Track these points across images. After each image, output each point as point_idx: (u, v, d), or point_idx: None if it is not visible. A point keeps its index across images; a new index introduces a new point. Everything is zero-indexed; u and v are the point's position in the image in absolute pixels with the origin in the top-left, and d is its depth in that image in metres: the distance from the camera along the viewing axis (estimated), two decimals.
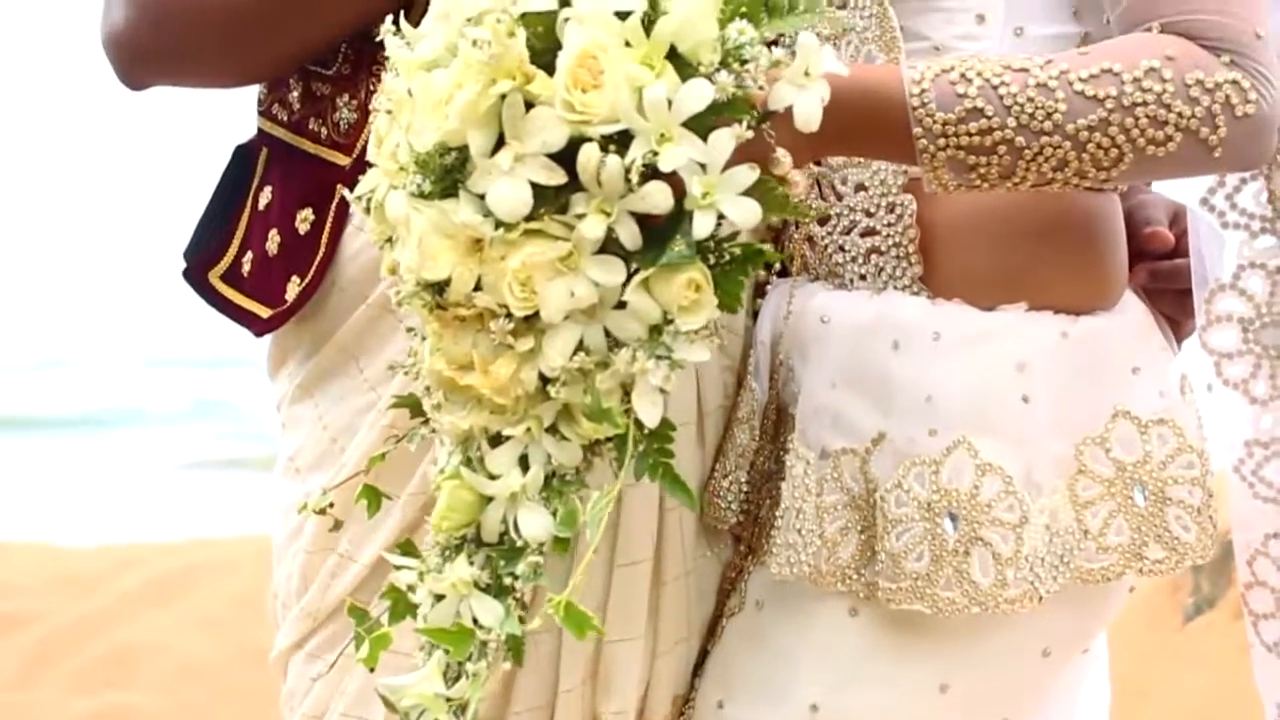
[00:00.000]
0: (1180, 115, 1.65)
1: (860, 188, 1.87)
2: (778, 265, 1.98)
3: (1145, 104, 1.65)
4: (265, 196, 2.09)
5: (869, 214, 1.86)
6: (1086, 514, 1.80)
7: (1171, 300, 1.97)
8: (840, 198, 1.89)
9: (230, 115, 2.20)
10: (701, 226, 1.46)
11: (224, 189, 2.14)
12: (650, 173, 1.46)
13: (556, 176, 1.47)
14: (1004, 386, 1.78)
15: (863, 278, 1.87)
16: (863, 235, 1.87)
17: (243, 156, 2.14)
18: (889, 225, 1.85)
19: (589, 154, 1.45)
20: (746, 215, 1.46)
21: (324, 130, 2.03)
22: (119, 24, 2.03)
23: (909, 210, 1.84)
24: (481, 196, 1.49)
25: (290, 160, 2.06)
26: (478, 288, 1.51)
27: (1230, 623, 5.39)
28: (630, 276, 1.48)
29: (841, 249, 1.89)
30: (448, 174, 1.51)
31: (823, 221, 1.91)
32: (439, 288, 1.53)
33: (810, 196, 1.91)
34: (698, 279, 1.48)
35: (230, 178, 2.14)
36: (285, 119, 2.08)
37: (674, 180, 1.46)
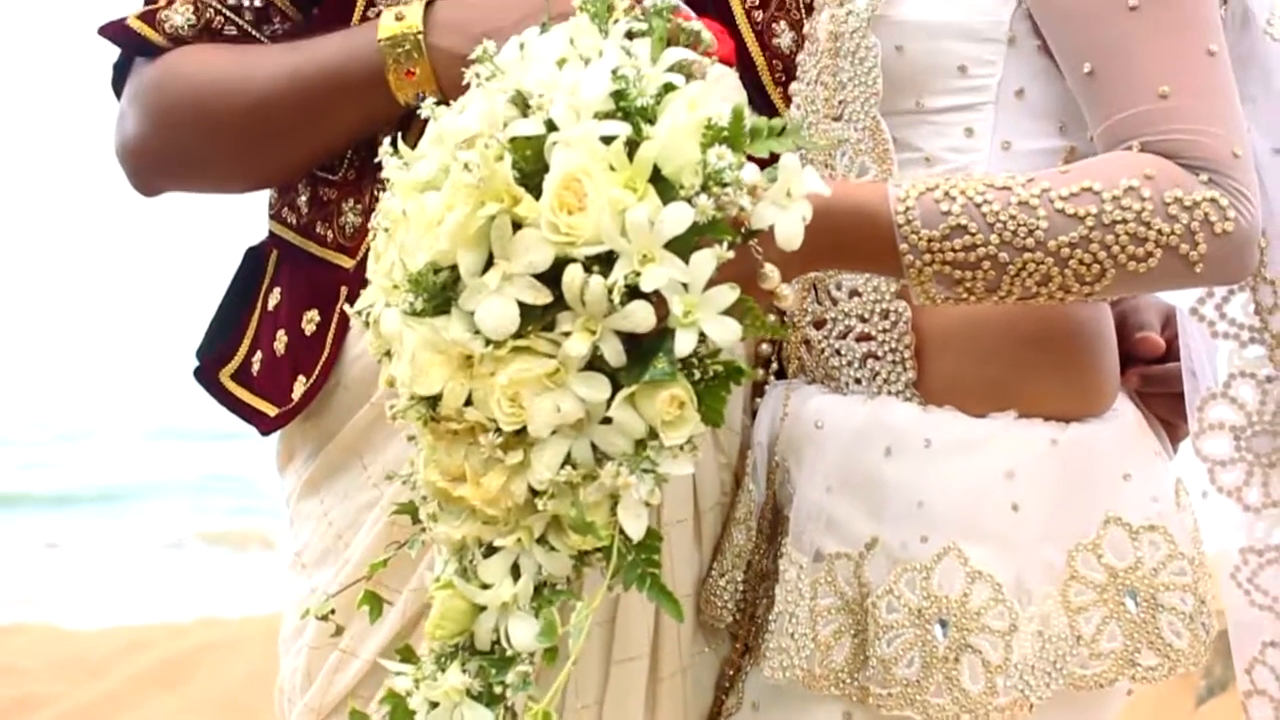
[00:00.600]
0: (1160, 232, 1.69)
1: (854, 293, 1.91)
2: (775, 365, 2.02)
3: (1125, 221, 1.68)
4: (274, 297, 2.14)
5: (863, 319, 1.90)
6: (1079, 620, 1.82)
7: (1165, 403, 1.99)
8: (835, 303, 1.92)
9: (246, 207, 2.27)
10: (683, 344, 1.50)
11: (235, 290, 2.20)
12: (633, 292, 1.50)
13: (543, 296, 1.51)
14: (994, 494, 1.81)
15: (858, 381, 1.91)
16: (858, 340, 1.91)
17: (254, 258, 2.20)
18: (884, 331, 1.88)
19: (573, 275, 1.50)
20: (727, 334, 1.50)
21: (330, 233, 2.09)
22: (132, 134, 2.10)
23: (904, 317, 1.87)
24: (471, 314, 1.53)
25: (298, 262, 2.12)
26: (469, 402, 1.55)
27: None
28: (615, 392, 1.52)
29: (838, 353, 1.93)
30: (440, 292, 1.55)
31: (819, 325, 1.94)
32: (432, 402, 1.57)
33: (805, 303, 1.94)
34: (681, 395, 1.52)
35: (241, 279, 2.20)
36: (294, 222, 2.13)
37: (657, 299, 1.50)
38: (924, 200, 1.69)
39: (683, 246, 1.51)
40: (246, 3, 2.08)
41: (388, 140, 1.66)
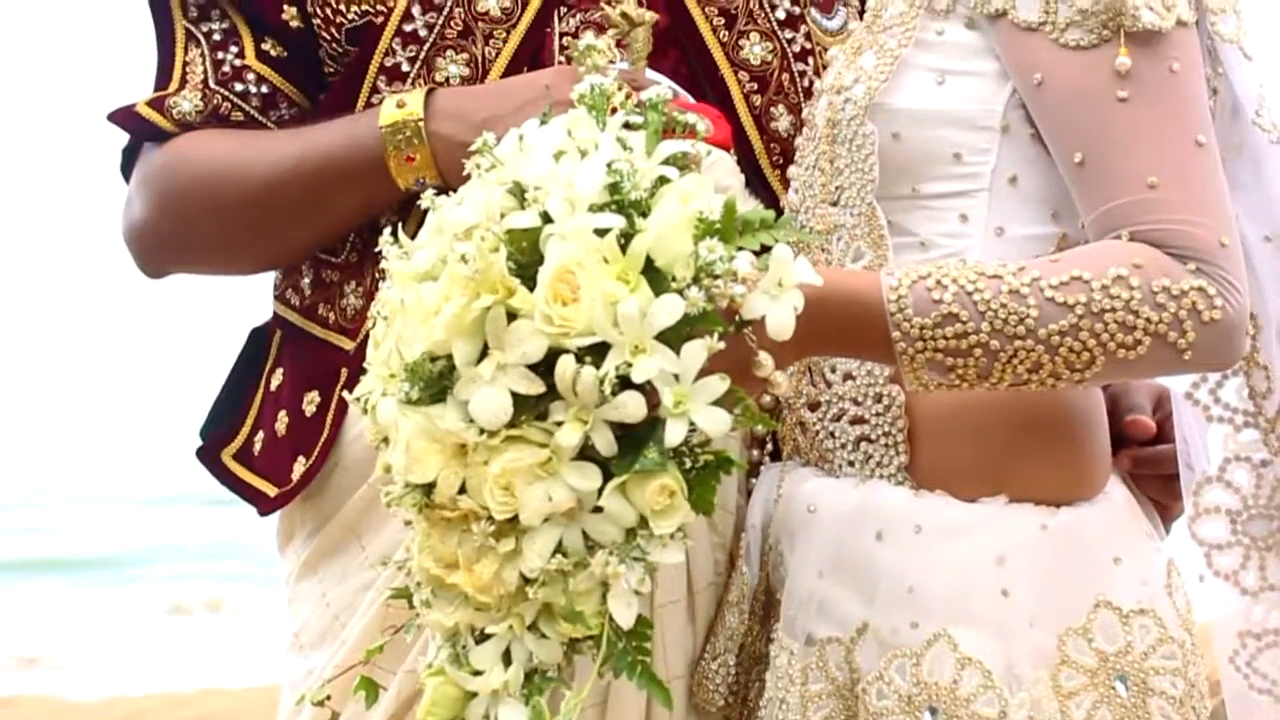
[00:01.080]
0: (1148, 321, 1.71)
1: (849, 377, 1.93)
2: (770, 446, 2.04)
3: (1114, 310, 1.71)
4: (277, 378, 2.17)
5: (857, 403, 1.92)
6: (1070, 705, 1.83)
7: (1157, 485, 2.01)
8: (830, 385, 1.94)
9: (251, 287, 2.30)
10: (674, 434, 1.52)
11: (239, 369, 2.23)
12: (625, 382, 1.52)
13: (536, 386, 1.53)
14: (984, 579, 1.83)
15: (851, 464, 1.92)
16: (852, 423, 1.92)
17: (258, 338, 2.23)
18: (877, 415, 1.90)
19: (565, 366, 1.52)
20: (717, 425, 1.52)
21: (332, 315, 2.11)
22: (139, 218, 2.13)
23: (897, 401, 1.89)
24: (466, 403, 1.55)
25: (301, 343, 2.15)
26: (462, 490, 1.57)
27: None
28: (606, 481, 1.54)
29: (831, 435, 1.94)
30: (436, 381, 1.57)
31: (814, 408, 1.96)
32: (426, 489, 1.59)
33: (800, 385, 1.96)
34: (671, 485, 1.54)
35: (245, 358, 2.23)
36: (297, 303, 2.16)
37: (648, 389, 1.53)
38: (916, 288, 1.72)
39: (674, 337, 1.54)
40: (253, 89, 2.12)
41: (388, 230, 1.69)
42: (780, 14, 2.17)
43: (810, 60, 2.16)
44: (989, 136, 1.87)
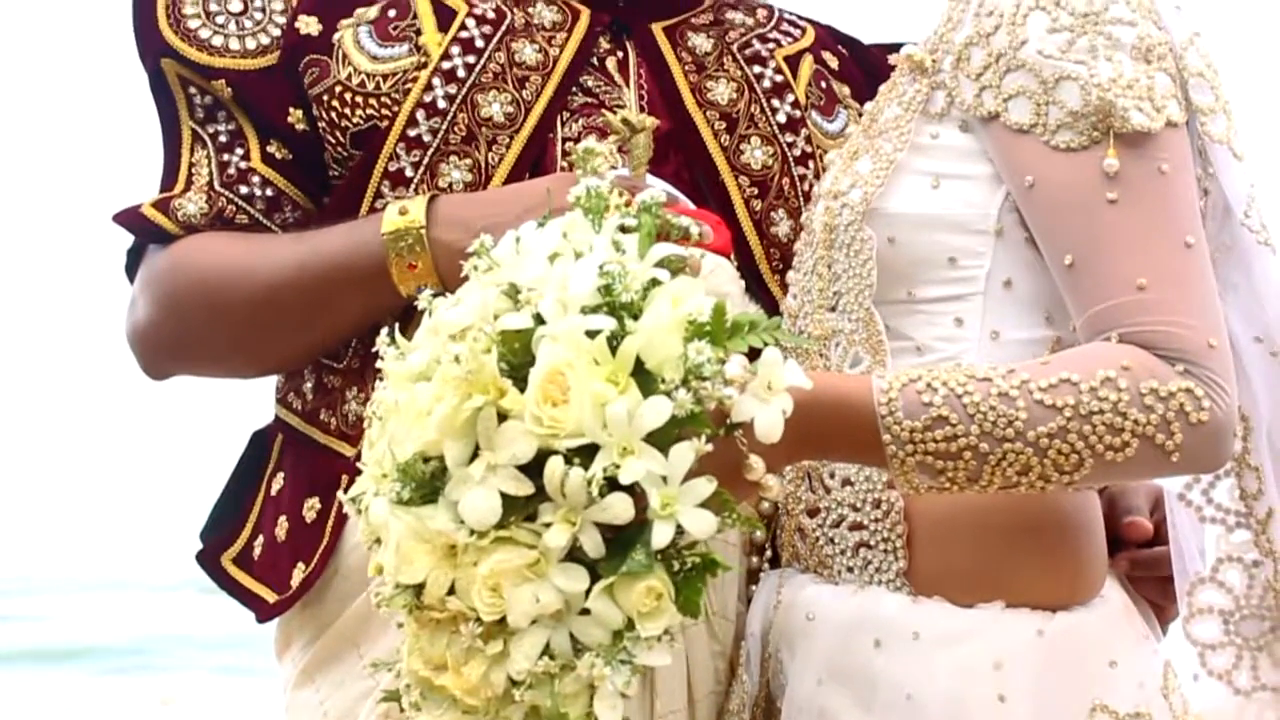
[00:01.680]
0: (1136, 423, 1.72)
1: (847, 483, 1.93)
2: (770, 552, 2.04)
3: (1102, 412, 1.72)
4: (278, 482, 2.18)
5: (856, 509, 1.92)
6: None
7: (1154, 586, 2.01)
8: (829, 491, 1.94)
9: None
10: (661, 537, 1.53)
11: (240, 473, 2.23)
12: (613, 484, 1.53)
13: (525, 487, 1.54)
14: (981, 685, 1.82)
15: (850, 570, 1.92)
16: (851, 529, 1.93)
17: (259, 442, 2.23)
18: (876, 521, 1.91)
19: (554, 467, 1.53)
20: (703, 527, 1.53)
21: (333, 421, 2.13)
22: (143, 319, 2.15)
23: (895, 507, 1.89)
24: (456, 504, 1.56)
25: (302, 448, 2.16)
26: (452, 591, 1.58)
27: None
28: (594, 582, 1.55)
29: (831, 541, 1.94)
30: (428, 481, 1.59)
31: (813, 513, 1.96)
32: (416, 590, 1.60)
33: (799, 491, 1.97)
34: (658, 587, 1.54)
35: (247, 461, 2.23)
36: (299, 407, 2.17)
37: (636, 490, 1.54)
38: (906, 392, 1.73)
39: (663, 439, 1.55)
40: (258, 192, 2.14)
41: (385, 331, 1.70)
42: (781, 117, 2.20)
43: (811, 164, 2.18)
44: (983, 240, 1.88)
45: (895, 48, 2.07)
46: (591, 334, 1.56)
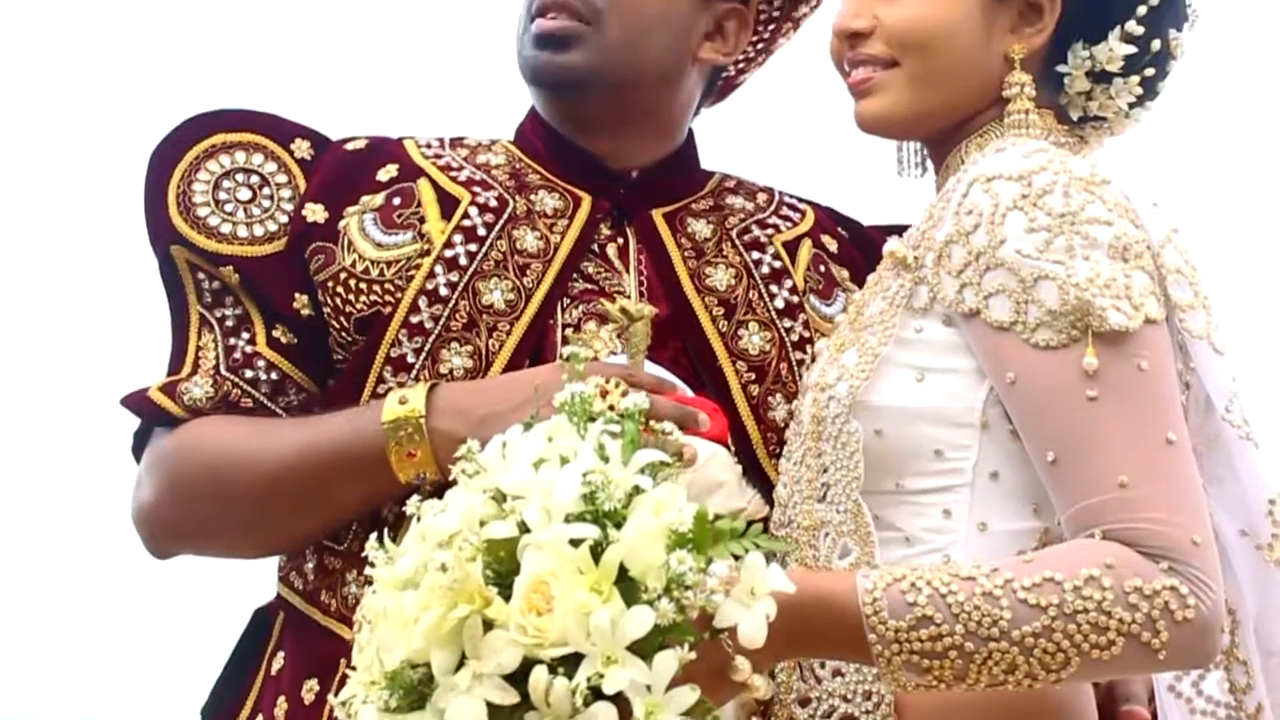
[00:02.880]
0: (1121, 621, 1.73)
1: (838, 673, 1.94)
2: None
3: (1086, 611, 1.73)
4: (278, 661, 2.20)
5: (846, 699, 1.93)
6: None
7: None
8: (820, 681, 1.96)
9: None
10: None
11: (241, 650, 2.26)
12: (597, 693, 1.55)
13: (510, 697, 1.56)
14: None
15: None
16: None
17: (260, 619, 2.26)
18: (867, 712, 1.92)
19: (538, 677, 1.55)
20: None
21: (333, 603, 2.15)
22: (147, 500, 2.18)
23: (885, 698, 1.90)
24: (443, 712, 1.58)
25: (302, 627, 2.18)
26: None
27: None
28: None
29: None
30: (415, 689, 1.61)
31: (804, 703, 1.97)
32: None
33: (791, 680, 1.98)
34: None
35: (248, 639, 2.26)
36: (300, 587, 2.20)
37: (620, 698, 1.56)
38: (890, 591, 1.75)
39: (648, 646, 1.57)
40: (263, 376, 2.18)
41: (374, 537, 1.73)
42: (779, 303, 2.23)
43: (808, 348, 2.21)
44: (969, 433, 1.90)
45: (894, 229, 2.11)
46: (575, 543, 1.59)
